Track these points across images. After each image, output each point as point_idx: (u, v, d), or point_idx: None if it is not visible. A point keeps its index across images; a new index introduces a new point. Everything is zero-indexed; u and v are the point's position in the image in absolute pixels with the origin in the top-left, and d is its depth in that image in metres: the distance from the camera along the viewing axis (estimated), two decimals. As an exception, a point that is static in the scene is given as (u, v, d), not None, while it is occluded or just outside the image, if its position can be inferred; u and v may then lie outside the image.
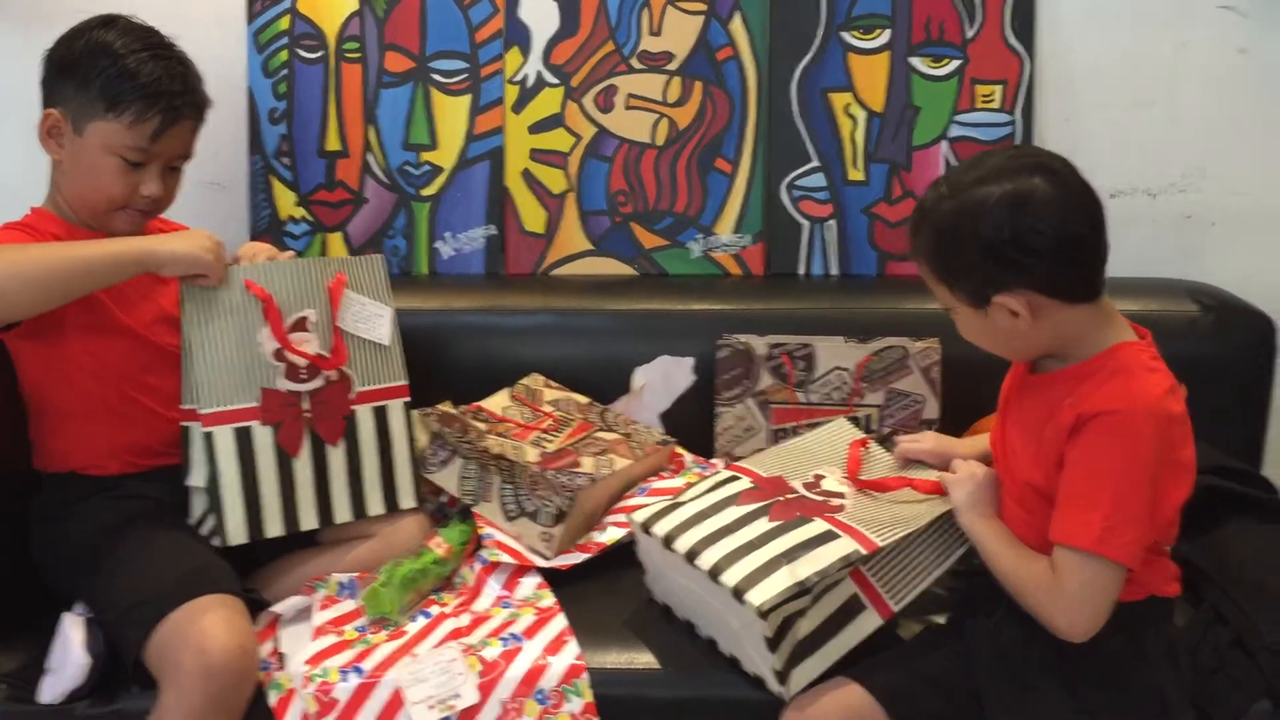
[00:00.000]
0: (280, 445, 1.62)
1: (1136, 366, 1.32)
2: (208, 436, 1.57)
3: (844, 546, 1.41)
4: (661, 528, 1.51)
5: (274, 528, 1.62)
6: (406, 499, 1.73)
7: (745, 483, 1.58)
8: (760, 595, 1.37)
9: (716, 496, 1.56)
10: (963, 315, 1.38)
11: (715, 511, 1.52)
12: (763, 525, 1.48)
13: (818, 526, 1.46)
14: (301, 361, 1.63)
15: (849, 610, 1.46)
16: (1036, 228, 1.28)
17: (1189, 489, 1.33)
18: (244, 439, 1.59)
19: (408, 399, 1.74)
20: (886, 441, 1.75)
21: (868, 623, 1.46)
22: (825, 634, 1.44)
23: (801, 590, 1.38)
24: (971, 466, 1.48)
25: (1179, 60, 2.12)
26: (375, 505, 1.70)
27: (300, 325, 1.65)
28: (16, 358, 1.62)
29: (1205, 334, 1.94)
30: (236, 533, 1.59)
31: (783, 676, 1.42)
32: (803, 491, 1.55)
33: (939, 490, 1.51)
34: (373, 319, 1.72)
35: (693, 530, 1.49)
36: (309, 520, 1.65)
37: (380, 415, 1.71)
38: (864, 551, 1.41)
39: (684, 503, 1.55)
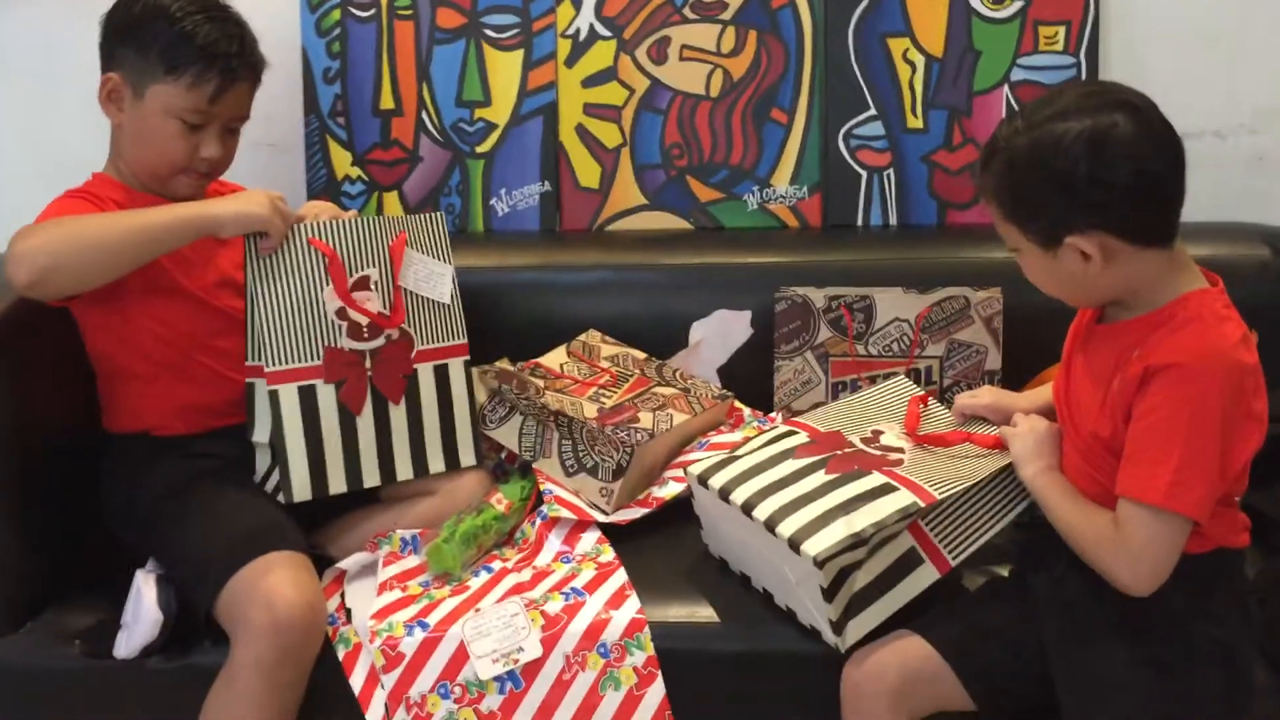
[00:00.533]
0: (343, 403, 1.63)
1: (1208, 315, 1.29)
2: (273, 395, 1.59)
3: (902, 499, 1.40)
4: (718, 480, 1.51)
5: (337, 484, 1.63)
6: (467, 457, 1.74)
7: (802, 437, 1.57)
8: (816, 545, 1.37)
9: (774, 450, 1.55)
10: (1031, 258, 1.34)
11: (772, 465, 1.52)
12: (820, 478, 1.47)
13: (876, 479, 1.45)
14: (364, 320, 1.64)
15: (906, 563, 1.45)
16: (1115, 165, 1.24)
17: (1261, 440, 1.30)
18: (308, 397, 1.61)
19: (467, 358, 1.75)
20: (948, 395, 1.73)
21: (925, 576, 1.45)
22: (882, 586, 1.44)
23: (858, 541, 1.38)
24: (1032, 420, 1.46)
25: (1249, -4, 2.06)
26: (436, 463, 1.72)
27: (363, 284, 1.65)
28: (82, 323, 1.65)
29: (1276, 277, 1.89)
30: (301, 490, 1.61)
31: (838, 627, 1.42)
32: (861, 446, 1.54)
33: (999, 445, 1.49)
34: (434, 278, 1.73)
35: (750, 483, 1.49)
36: (371, 478, 1.66)
37: (441, 374, 1.72)
38: (922, 504, 1.40)
39: (740, 456, 1.55)
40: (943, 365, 1.88)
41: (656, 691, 1.47)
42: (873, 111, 2.11)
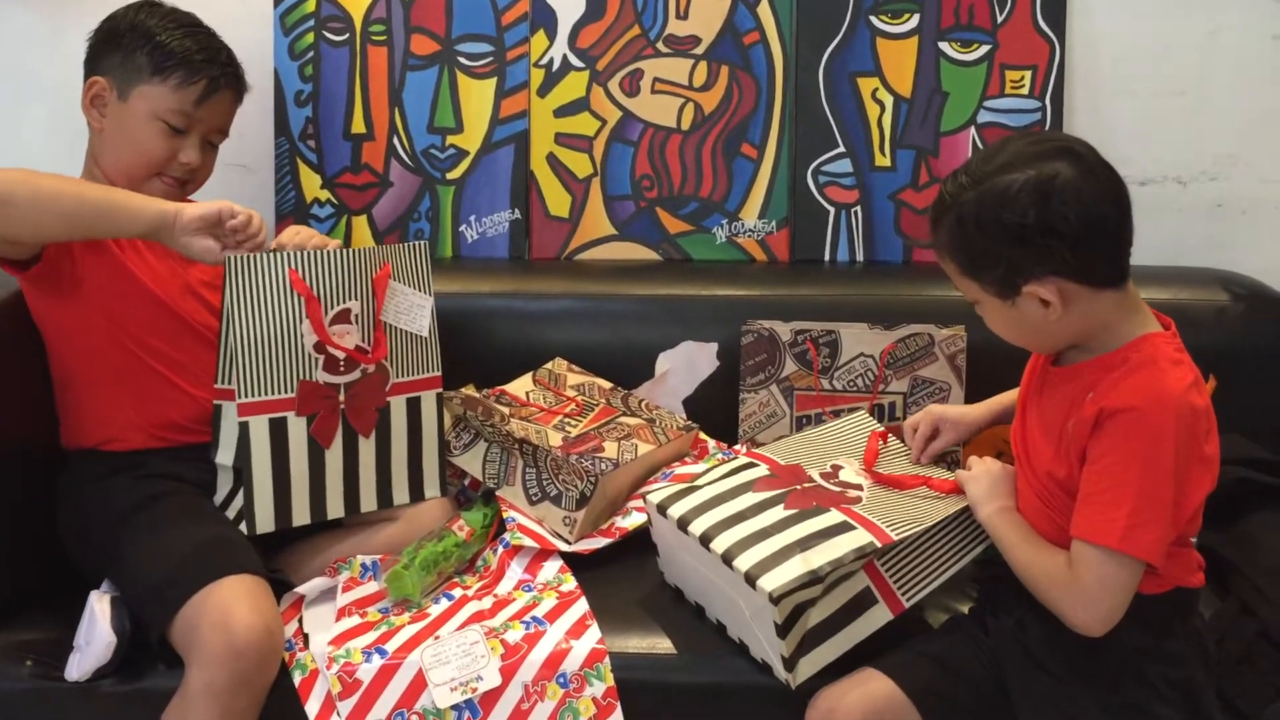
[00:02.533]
0: (313, 436, 1.61)
1: (1161, 359, 1.30)
2: (244, 426, 1.56)
3: (859, 538, 1.41)
4: (677, 509, 1.51)
5: (301, 516, 1.61)
6: (432, 489, 1.73)
7: (762, 469, 1.58)
8: (773, 581, 1.37)
9: (733, 482, 1.56)
10: (991, 308, 1.36)
11: (731, 496, 1.52)
12: (779, 512, 1.48)
13: (833, 517, 1.45)
14: (341, 355, 1.62)
15: (860, 603, 1.45)
16: (1062, 212, 1.26)
17: (1213, 483, 1.32)
18: (278, 430, 1.58)
19: (440, 390, 1.73)
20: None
21: (878, 617, 1.45)
22: (835, 625, 1.44)
23: (814, 579, 1.38)
24: (987, 463, 1.47)
25: (1211, 47, 2.09)
26: (401, 495, 1.70)
27: (343, 317, 1.62)
28: (40, 320, 1.63)
29: (1235, 323, 1.92)
30: (265, 522, 1.59)
31: (790, 664, 1.42)
32: (820, 481, 1.55)
33: (955, 489, 1.50)
34: (414, 310, 1.70)
35: (708, 514, 1.49)
36: (336, 509, 1.65)
37: (413, 406, 1.70)
38: (878, 544, 1.40)
39: (700, 486, 1.55)
40: (906, 401, 1.90)
41: (615, 723, 1.46)
42: (841, 149, 2.13)
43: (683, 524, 1.49)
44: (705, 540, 1.45)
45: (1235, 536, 1.67)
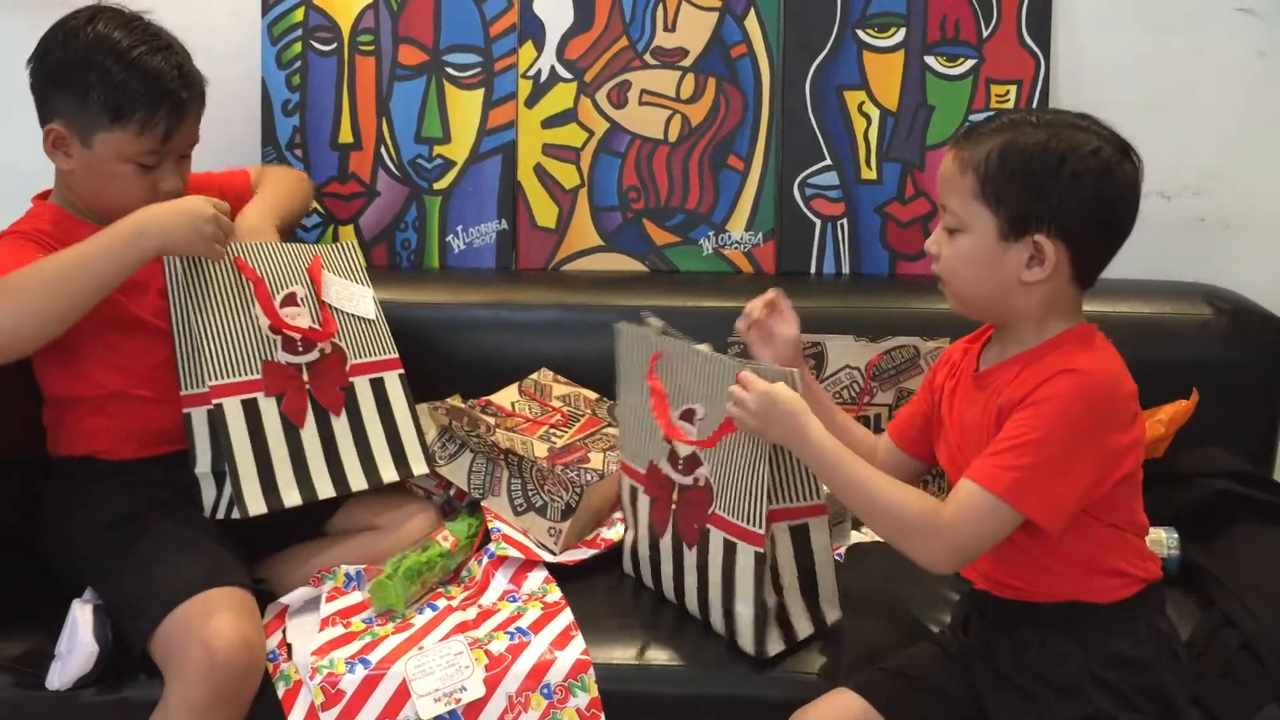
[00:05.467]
0: (285, 415, 1.62)
1: (1095, 344, 1.32)
2: (218, 409, 1.57)
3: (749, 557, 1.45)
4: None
5: (291, 497, 1.60)
6: (418, 465, 1.72)
7: (644, 498, 1.62)
8: (762, 649, 1.47)
9: (644, 523, 1.62)
10: (974, 240, 1.32)
11: (654, 552, 1.61)
12: (691, 559, 1.55)
13: (719, 539, 1.49)
14: (295, 335, 1.65)
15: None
16: (1114, 195, 1.28)
17: (1133, 466, 1.31)
18: (251, 410, 1.60)
19: (401, 371, 1.75)
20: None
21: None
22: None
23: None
24: (757, 384, 1.41)
25: (1195, 63, 2.11)
26: (389, 472, 1.69)
27: (290, 300, 1.67)
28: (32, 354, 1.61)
29: (1218, 338, 1.93)
30: (255, 503, 1.57)
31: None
32: (673, 475, 1.56)
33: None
34: (356, 296, 1.75)
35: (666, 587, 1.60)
36: (325, 489, 1.63)
37: (378, 386, 1.72)
38: (761, 551, 1.44)
39: (635, 539, 1.65)
40: (891, 413, 1.90)
41: (599, 734, 1.46)
42: (828, 161, 2.13)
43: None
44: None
45: (1217, 549, 1.67)
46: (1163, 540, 1.68)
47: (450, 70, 2.14)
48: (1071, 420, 1.26)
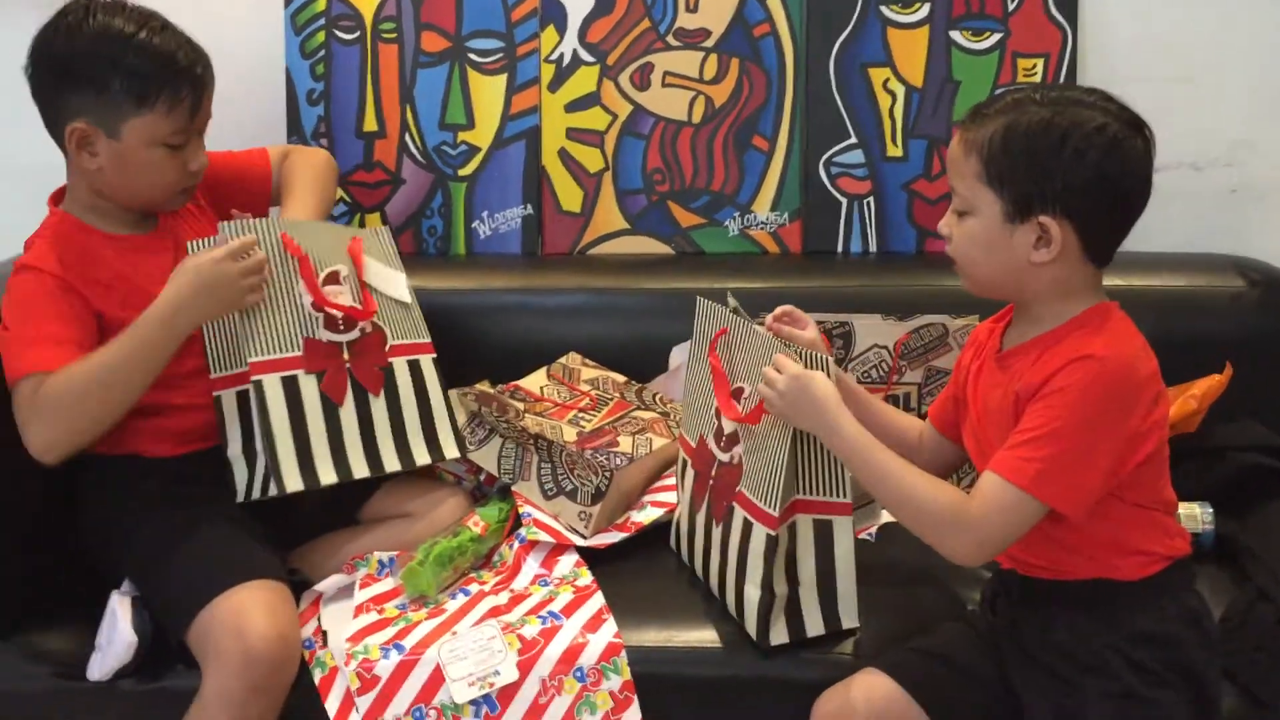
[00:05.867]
0: (325, 393, 1.62)
1: (1114, 323, 1.31)
2: (257, 385, 1.57)
3: (763, 539, 1.46)
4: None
5: (327, 474, 1.60)
6: (450, 448, 1.71)
7: (691, 471, 1.62)
8: (764, 637, 1.47)
9: (686, 497, 1.63)
10: (981, 223, 1.32)
11: (691, 527, 1.62)
12: (716, 536, 1.55)
13: (740, 518, 1.49)
14: (338, 313, 1.64)
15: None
16: (1122, 173, 1.27)
17: (1156, 446, 1.30)
18: (291, 387, 1.59)
19: (434, 355, 1.74)
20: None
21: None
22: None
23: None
24: (790, 367, 1.40)
25: (1225, 33, 2.08)
26: (421, 455, 1.69)
27: (333, 278, 1.66)
28: None
29: (1251, 310, 1.91)
30: (292, 479, 1.57)
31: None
32: (715, 451, 1.56)
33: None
34: (391, 279, 1.74)
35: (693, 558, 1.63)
36: (360, 468, 1.63)
37: (415, 369, 1.71)
38: (773, 533, 1.44)
39: (680, 513, 1.66)
40: (921, 392, 1.89)
41: (632, 716, 1.46)
42: (853, 140, 2.12)
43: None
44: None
45: (1251, 524, 1.66)
46: (1197, 515, 1.67)
47: (473, 56, 2.13)
48: (1089, 408, 1.25)
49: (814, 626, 1.50)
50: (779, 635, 1.48)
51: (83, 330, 1.56)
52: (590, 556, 1.66)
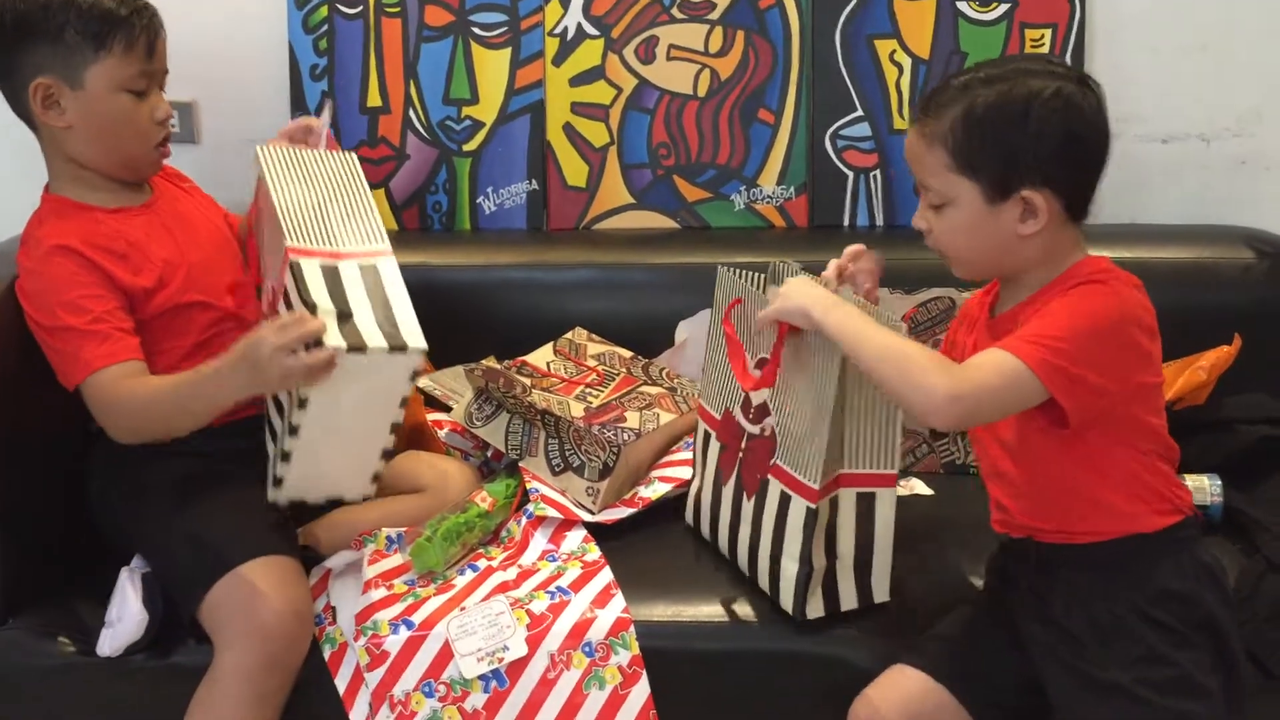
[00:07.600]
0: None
1: (1109, 267, 1.32)
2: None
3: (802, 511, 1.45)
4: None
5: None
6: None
7: (715, 444, 1.61)
8: (801, 610, 1.47)
9: (711, 470, 1.62)
10: (964, 211, 1.32)
11: (715, 501, 1.61)
12: (748, 509, 1.54)
13: (777, 490, 1.49)
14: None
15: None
16: (1084, 129, 1.28)
17: (1155, 378, 1.32)
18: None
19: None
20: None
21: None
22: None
23: None
24: (785, 286, 1.43)
25: (1234, 4, 2.06)
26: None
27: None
28: None
29: (1260, 282, 1.91)
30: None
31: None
32: (744, 424, 1.55)
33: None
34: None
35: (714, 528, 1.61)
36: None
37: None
38: (813, 506, 1.43)
39: (700, 487, 1.64)
40: (928, 366, 1.89)
41: (641, 691, 1.47)
42: (859, 112, 2.11)
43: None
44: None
45: (1261, 496, 1.66)
46: (1205, 487, 1.66)
47: (476, 30, 2.12)
48: (1099, 309, 1.26)
49: (848, 600, 1.50)
50: (815, 609, 1.48)
51: (124, 301, 1.55)
52: (598, 532, 1.67)
